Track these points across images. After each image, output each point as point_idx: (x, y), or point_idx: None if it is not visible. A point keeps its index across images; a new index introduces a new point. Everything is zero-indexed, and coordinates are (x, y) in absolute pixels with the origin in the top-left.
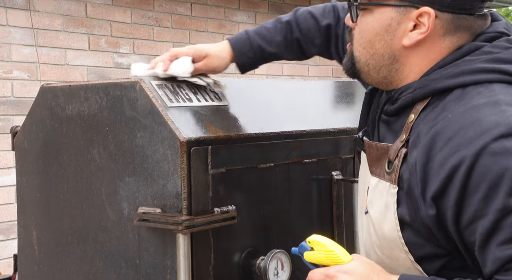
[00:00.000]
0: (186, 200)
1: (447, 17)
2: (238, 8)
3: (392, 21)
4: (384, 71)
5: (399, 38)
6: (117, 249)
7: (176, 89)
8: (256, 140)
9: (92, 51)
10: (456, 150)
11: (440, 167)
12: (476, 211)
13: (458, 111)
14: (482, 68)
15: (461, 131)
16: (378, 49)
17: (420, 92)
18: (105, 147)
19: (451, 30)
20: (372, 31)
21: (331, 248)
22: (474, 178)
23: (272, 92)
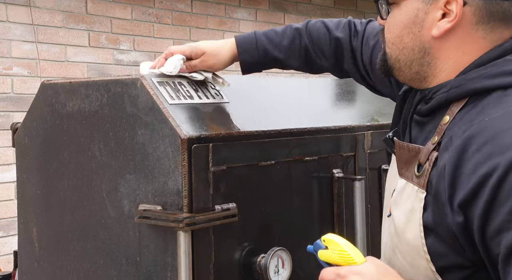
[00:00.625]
0: (187, 198)
1: (478, 3)
2: (239, 5)
3: (419, 11)
4: (416, 66)
5: (428, 29)
6: (117, 246)
7: (177, 86)
8: (257, 138)
9: (92, 47)
10: (489, 157)
11: (471, 174)
12: (503, 223)
13: (496, 115)
14: None
15: (497, 137)
16: (408, 43)
17: (456, 91)
18: (105, 144)
19: (484, 18)
20: (400, 24)
21: (344, 248)
22: (506, 188)
23: (273, 89)
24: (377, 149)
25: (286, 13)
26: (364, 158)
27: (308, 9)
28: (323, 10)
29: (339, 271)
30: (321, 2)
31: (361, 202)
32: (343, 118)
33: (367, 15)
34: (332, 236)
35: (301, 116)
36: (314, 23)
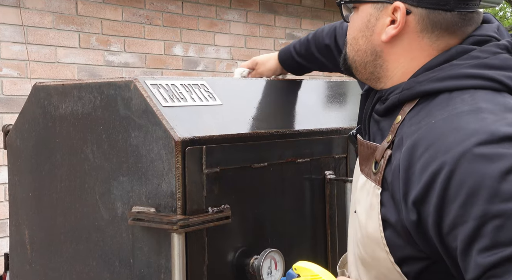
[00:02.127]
0: (181, 200)
1: (421, 12)
2: (230, 7)
3: (371, 17)
4: (370, 67)
5: (378, 33)
6: (110, 248)
7: (170, 88)
8: (250, 140)
9: (82, 49)
10: (436, 156)
11: (421, 173)
12: (456, 218)
13: (441, 117)
14: (468, 74)
15: (442, 138)
16: (361, 45)
17: (407, 93)
18: (98, 146)
19: (428, 27)
20: (356, 28)
21: (316, 272)
22: (454, 184)
23: (266, 91)
24: None
25: (276, 15)
26: (355, 159)
27: (298, 10)
28: (313, 12)
29: None
30: (311, 4)
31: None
32: (335, 120)
33: None
34: (303, 263)
35: (293, 118)
36: (320, 31)
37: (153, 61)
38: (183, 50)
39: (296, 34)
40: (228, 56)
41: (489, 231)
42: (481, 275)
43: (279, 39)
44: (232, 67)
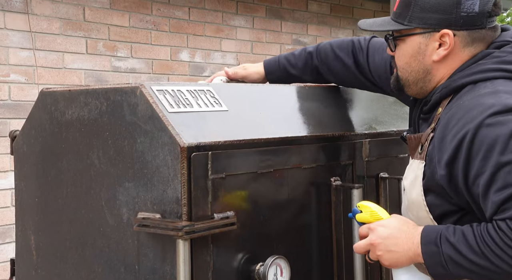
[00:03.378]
0: (186, 206)
1: (463, 34)
2: (236, 13)
3: (421, 44)
4: (420, 83)
5: (429, 56)
6: (116, 254)
7: (176, 94)
8: (255, 146)
9: (90, 54)
10: (463, 126)
11: (452, 140)
12: (478, 169)
13: (467, 98)
14: (490, 68)
15: (468, 112)
16: (414, 67)
17: (445, 91)
18: (104, 152)
19: (469, 43)
20: (407, 55)
21: (373, 209)
22: (476, 145)
23: (272, 97)
24: (375, 157)
25: (283, 21)
26: (362, 166)
27: (305, 16)
28: (319, 17)
29: (370, 225)
30: (317, 9)
31: None
32: (341, 126)
33: None
34: (364, 202)
35: (299, 124)
36: (323, 45)
37: (160, 66)
38: (189, 55)
39: (303, 40)
40: (235, 61)
41: (501, 176)
42: (496, 210)
43: (285, 44)
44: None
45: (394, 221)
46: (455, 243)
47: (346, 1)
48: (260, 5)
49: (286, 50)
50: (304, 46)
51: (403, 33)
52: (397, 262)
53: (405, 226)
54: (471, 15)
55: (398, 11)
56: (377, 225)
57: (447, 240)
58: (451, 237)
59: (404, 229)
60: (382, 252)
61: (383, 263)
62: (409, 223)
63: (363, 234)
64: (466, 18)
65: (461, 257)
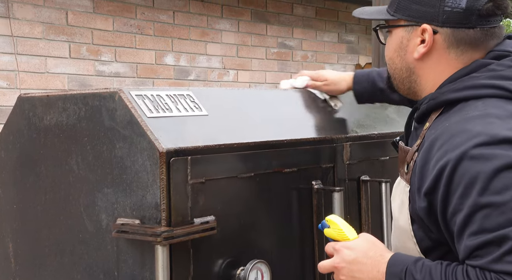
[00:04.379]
0: (165, 211)
1: (446, 31)
2: (221, 16)
3: (403, 39)
4: (407, 82)
5: (411, 52)
6: (95, 261)
7: (155, 99)
8: (236, 150)
9: (73, 59)
10: (444, 154)
11: (433, 168)
12: (455, 206)
13: (454, 121)
14: (483, 84)
15: (451, 138)
16: (397, 64)
17: (432, 103)
18: (83, 158)
19: (453, 43)
20: (391, 49)
21: (340, 227)
22: (456, 178)
23: (252, 101)
24: (356, 160)
25: (268, 24)
26: (343, 169)
27: (290, 20)
28: (305, 21)
29: (335, 246)
30: (302, 13)
31: (340, 213)
32: (322, 129)
33: (348, 26)
34: (332, 217)
35: (280, 128)
36: None
37: (144, 70)
38: (174, 59)
39: (288, 43)
40: (220, 65)
41: (478, 218)
42: (469, 255)
43: (270, 48)
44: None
45: (361, 244)
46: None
47: (331, 5)
48: (245, 8)
49: (272, 54)
50: (290, 49)
51: (390, 24)
52: None
53: (372, 251)
54: (456, 10)
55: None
56: (343, 247)
57: (412, 276)
58: (416, 275)
59: (371, 255)
60: (345, 277)
61: None
62: (377, 248)
63: (328, 252)
64: (450, 14)
65: None
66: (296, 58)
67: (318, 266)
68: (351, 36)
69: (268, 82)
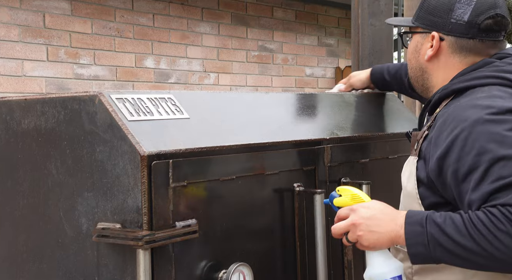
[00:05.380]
0: (147, 215)
1: (451, 40)
2: (201, 19)
3: (418, 43)
4: (420, 80)
5: (422, 55)
6: (75, 266)
7: (136, 102)
8: (217, 153)
9: (50, 62)
10: (458, 123)
11: (447, 136)
12: (472, 164)
13: (464, 101)
14: (487, 75)
15: (464, 112)
16: (413, 64)
17: (444, 92)
18: (62, 162)
19: (457, 49)
20: (410, 51)
21: (355, 192)
22: (470, 141)
23: (234, 104)
24: (337, 163)
25: (248, 27)
26: (324, 171)
27: (270, 23)
28: (285, 24)
29: (351, 207)
30: (283, 16)
31: (321, 215)
32: (303, 132)
33: (328, 29)
34: (344, 186)
35: (261, 131)
36: None
37: (124, 73)
38: (154, 62)
39: (268, 46)
40: (201, 68)
41: (495, 170)
42: (486, 200)
43: (251, 51)
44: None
45: (376, 204)
46: (441, 224)
47: (311, 8)
48: (226, 11)
49: (253, 57)
50: (270, 52)
51: (411, 30)
52: (377, 243)
53: (389, 209)
54: (459, 23)
55: (416, 10)
56: (360, 206)
57: (434, 221)
58: (437, 219)
59: (387, 212)
60: (363, 232)
61: (362, 244)
62: (391, 207)
63: (342, 216)
64: (454, 25)
65: (446, 238)
66: (276, 61)
67: (333, 228)
68: (330, 39)
69: (249, 85)
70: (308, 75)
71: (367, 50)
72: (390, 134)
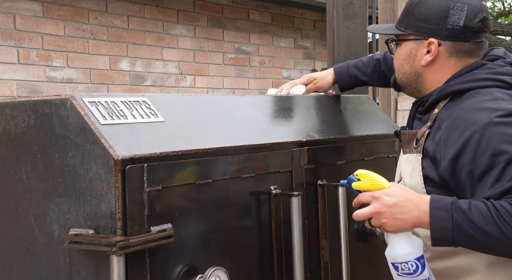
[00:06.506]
0: (121, 220)
1: (448, 44)
2: (177, 22)
3: (412, 50)
4: (413, 84)
5: (418, 60)
6: (46, 274)
7: (110, 105)
8: (193, 157)
9: (22, 64)
10: (469, 126)
11: (458, 138)
12: (488, 164)
13: (469, 104)
14: (484, 78)
15: (473, 114)
16: (407, 70)
17: (441, 93)
18: (33, 167)
19: (453, 53)
20: (401, 58)
21: (375, 178)
22: (483, 143)
23: (210, 107)
24: (313, 165)
25: (225, 30)
26: (300, 174)
27: (247, 25)
28: (261, 26)
29: (373, 194)
30: (259, 19)
31: (298, 217)
32: (280, 134)
33: (304, 32)
34: (363, 171)
35: (237, 134)
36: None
37: (98, 76)
38: (129, 65)
39: (245, 49)
40: (177, 70)
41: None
42: (507, 192)
43: (228, 53)
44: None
45: (398, 190)
46: (467, 210)
47: (287, 11)
48: (201, 14)
49: (229, 59)
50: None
51: (400, 38)
52: (400, 228)
53: (411, 195)
54: (456, 28)
55: (400, 18)
56: (382, 194)
57: (459, 207)
58: (462, 205)
59: (410, 198)
60: (388, 219)
61: (386, 229)
62: (412, 192)
63: (364, 201)
64: (451, 30)
65: (471, 224)
66: (253, 63)
67: (356, 214)
68: (307, 42)
69: (225, 88)
70: (285, 78)
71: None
72: (365, 136)
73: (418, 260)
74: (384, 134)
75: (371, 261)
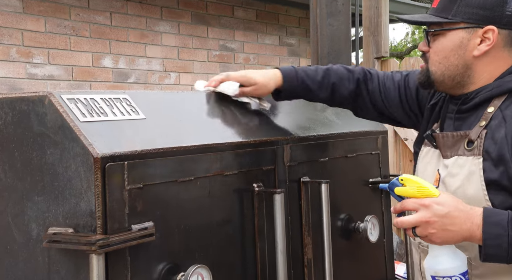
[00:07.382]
0: (101, 219)
1: (505, 33)
2: (161, 18)
3: (463, 39)
4: (458, 78)
5: (470, 51)
6: (24, 273)
7: (89, 103)
8: (174, 154)
9: (1, 61)
10: None
11: None
12: None
13: None
14: None
15: None
16: (453, 62)
17: (497, 90)
18: (11, 166)
19: (509, 42)
20: (447, 49)
21: (424, 184)
22: None
23: (191, 104)
24: (296, 162)
25: (209, 27)
26: (283, 171)
27: (231, 22)
28: (245, 23)
29: (423, 202)
30: (243, 16)
31: (281, 214)
32: (263, 132)
33: (289, 29)
34: (408, 175)
35: (220, 131)
36: (337, 66)
37: (81, 73)
38: (112, 62)
39: (230, 46)
40: (161, 67)
41: None
42: None
43: (212, 50)
44: (165, 79)
45: (450, 199)
46: None
47: (271, 8)
48: (185, 10)
49: (214, 56)
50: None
51: (445, 27)
52: (449, 240)
53: (462, 205)
54: None
55: (440, 6)
56: (433, 202)
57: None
58: None
59: (462, 208)
60: (436, 230)
61: (433, 241)
62: (462, 202)
63: (410, 208)
64: (510, 18)
65: None
66: (238, 60)
67: (401, 221)
68: (291, 39)
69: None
70: None
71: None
72: (348, 133)
73: (464, 276)
74: (367, 130)
75: (354, 258)
